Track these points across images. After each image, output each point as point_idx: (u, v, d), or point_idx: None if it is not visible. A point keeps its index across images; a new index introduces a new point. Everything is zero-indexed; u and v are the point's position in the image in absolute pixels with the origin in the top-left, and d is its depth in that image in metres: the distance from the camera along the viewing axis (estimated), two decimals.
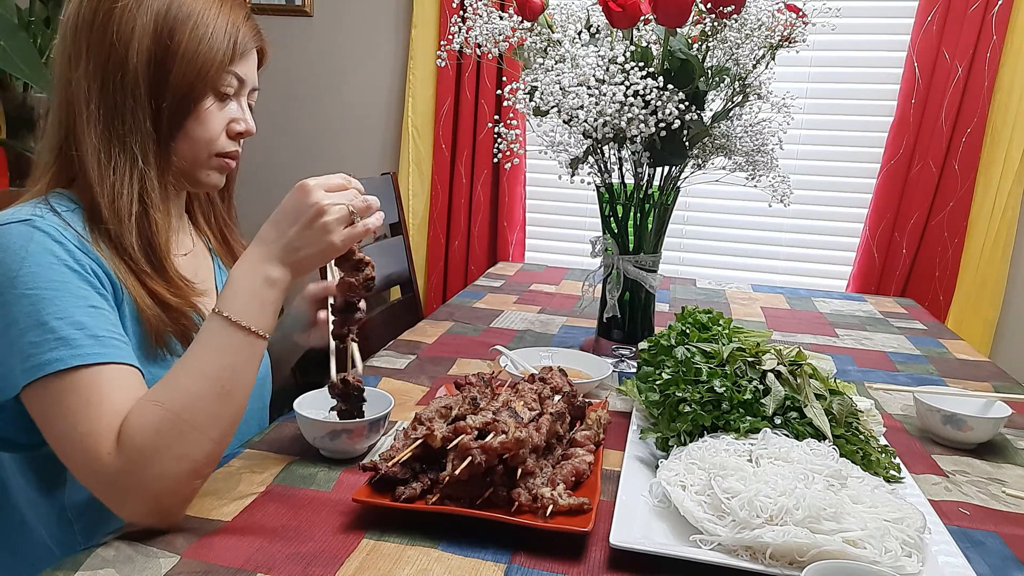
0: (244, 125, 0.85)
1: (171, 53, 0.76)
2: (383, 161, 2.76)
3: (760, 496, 0.67)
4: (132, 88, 0.76)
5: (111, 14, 0.75)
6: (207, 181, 0.85)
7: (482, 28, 1.16)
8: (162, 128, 0.78)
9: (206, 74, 0.78)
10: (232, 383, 0.70)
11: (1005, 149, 2.11)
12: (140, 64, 0.75)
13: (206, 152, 0.83)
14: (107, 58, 0.75)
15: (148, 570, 0.63)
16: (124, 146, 0.76)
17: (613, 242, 1.26)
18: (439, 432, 0.75)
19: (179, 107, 0.78)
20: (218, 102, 0.82)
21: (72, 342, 0.68)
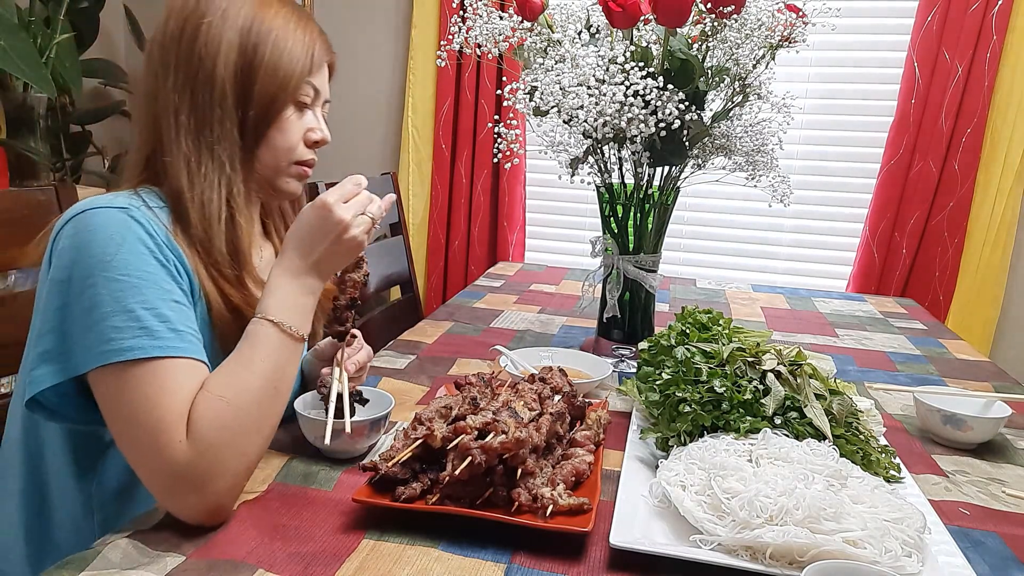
0: (320, 134, 0.88)
1: (256, 66, 0.80)
2: (383, 161, 2.76)
3: (760, 496, 0.67)
4: (220, 99, 0.79)
5: (198, 30, 0.78)
6: (287, 189, 0.89)
7: (482, 28, 1.16)
8: (247, 137, 0.82)
9: (287, 85, 0.82)
10: (281, 382, 0.74)
11: (1005, 149, 2.11)
12: (228, 76, 0.79)
13: (287, 160, 0.86)
14: (195, 71, 0.79)
15: (153, 569, 0.63)
16: (213, 154, 0.80)
17: (613, 242, 1.26)
18: (439, 432, 0.75)
19: (263, 117, 0.82)
20: (297, 112, 0.85)
21: (155, 333, 0.70)
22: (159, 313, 0.71)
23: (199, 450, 0.68)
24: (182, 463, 0.67)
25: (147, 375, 0.69)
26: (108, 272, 0.70)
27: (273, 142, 0.84)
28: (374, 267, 1.84)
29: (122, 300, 0.70)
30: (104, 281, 0.70)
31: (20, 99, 2.32)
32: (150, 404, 0.68)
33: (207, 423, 0.69)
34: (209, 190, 0.80)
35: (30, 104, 2.33)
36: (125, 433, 0.70)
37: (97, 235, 0.71)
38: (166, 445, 0.67)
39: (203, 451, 0.68)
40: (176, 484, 0.68)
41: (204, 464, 0.68)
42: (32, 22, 2.30)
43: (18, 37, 2.09)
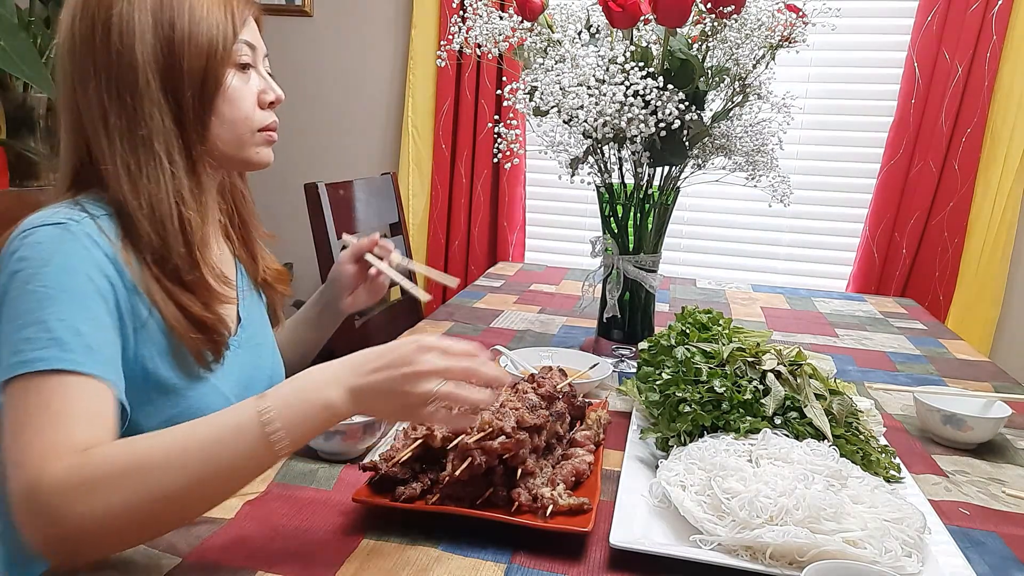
0: (273, 93, 0.85)
1: (176, 41, 0.75)
2: (383, 161, 2.76)
3: (760, 496, 0.67)
4: (145, 89, 0.75)
5: (108, 24, 0.74)
6: (258, 159, 0.85)
7: (482, 28, 1.16)
8: (188, 121, 0.78)
9: (217, 51, 0.77)
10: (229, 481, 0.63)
11: (1005, 149, 2.11)
12: (148, 62, 0.75)
13: (247, 129, 0.83)
14: (115, 68, 0.74)
15: (150, 571, 0.63)
16: (151, 151, 0.76)
17: (613, 242, 1.26)
18: (439, 432, 0.75)
19: (202, 93, 0.77)
20: (240, 75, 0.81)
21: (66, 345, 0.65)
22: (73, 327, 0.66)
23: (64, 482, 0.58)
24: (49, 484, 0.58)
25: (51, 387, 0.63)
26: (30, 285, 0.67)
27: (227, 116, 0.80)
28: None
29: (37, 311, 0.66)
30: (25, 294, 0.67)
31: (20, 99, 2.32)
32: (44, 417, 0.62)
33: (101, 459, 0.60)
34: (156, 191, 0.75)
35: (30, 104, 2.33)
36: (11, 441, 0.62)
37: (30, 252, 0.69)
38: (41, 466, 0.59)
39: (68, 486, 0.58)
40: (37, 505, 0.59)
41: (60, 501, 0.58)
42: (32, 22, 2.30)
43: (18, 37, 2.08)
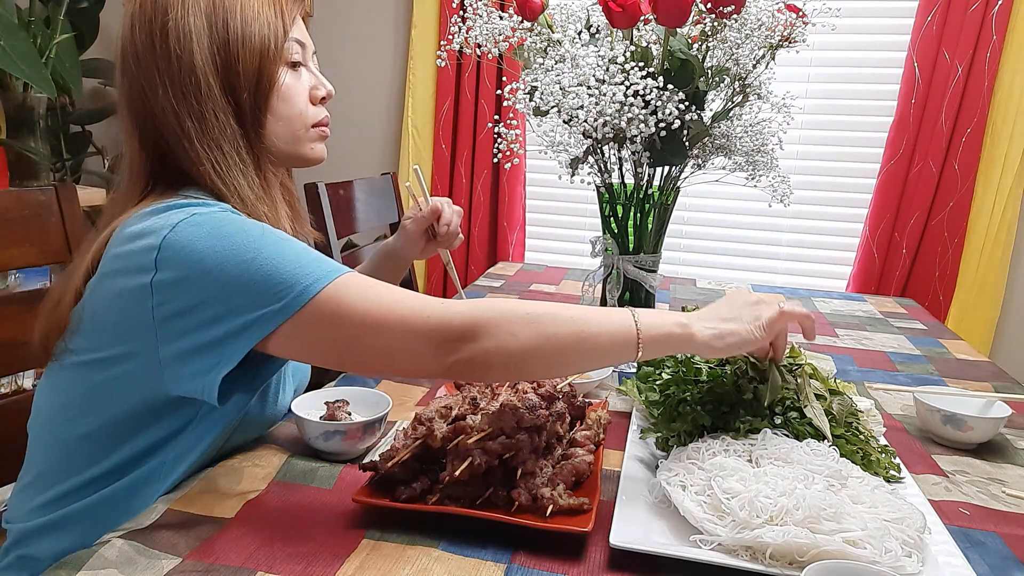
0: (324, 89, 0.87)
1: (231, 42, 0.77)
2: (383, 161, 2.76)
3: (760, 496, 0.67)
4: (207, 91, 0.77)
5: (166, 29, 0.76)
6: (313, 155, 0.88)
7: (482, 28, 1.16)
8: (247, 120, 0.80)
9: (269, 50, 0.79)
10: (591, 343, 0.73)
11: (1005, 149, 2.11)
12: (207, 64, 0.77)
13: (302, 126, 0.85)
14: (178, 72, 0.76)
15: (150, 570, 0.63)
16: (223, 151, 0.78)
17: (613, 242, 1.26)
18: (439, 432, 0.75)
19: (258, 91, 0.79)
20: (292, 73, 0.83)
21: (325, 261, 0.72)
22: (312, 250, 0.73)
23: (470, 310, 0.70)
24: (448, 315, 0.69)
25: (355, 283, 0.71)
26: (263, 241, 0.71)
27: (281, 113, 0.82)
28: None
29: (286, 250, 0.71)
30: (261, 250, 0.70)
31: (20, 99, 2.32)
32: (383, 292, 0.71)
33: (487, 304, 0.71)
34: (241, 187, 0.79)
35: (30, 104, 2.34)
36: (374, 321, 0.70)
37: (222, 225, 0.71)
38: (426, 305, 0.70)
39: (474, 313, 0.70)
40: (445, 336, 0.69)
41: (474, 321, 0.69)
42: (32, 22, 2.30)
43: (18, 37, 2.09)
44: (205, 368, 0.71)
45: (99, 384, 0.77)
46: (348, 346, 0.71)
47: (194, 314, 0.70)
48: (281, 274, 0.69)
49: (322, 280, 0.69)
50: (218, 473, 0.81)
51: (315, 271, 0.70)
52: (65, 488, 0.81)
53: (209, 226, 0.71)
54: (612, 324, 0.74)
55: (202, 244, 0.70)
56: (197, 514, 0.72)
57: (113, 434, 0.79)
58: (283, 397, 0.92)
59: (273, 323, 0.69)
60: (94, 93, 2.82)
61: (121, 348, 0.74)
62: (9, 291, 1.08)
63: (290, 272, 0.69)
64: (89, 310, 0.76)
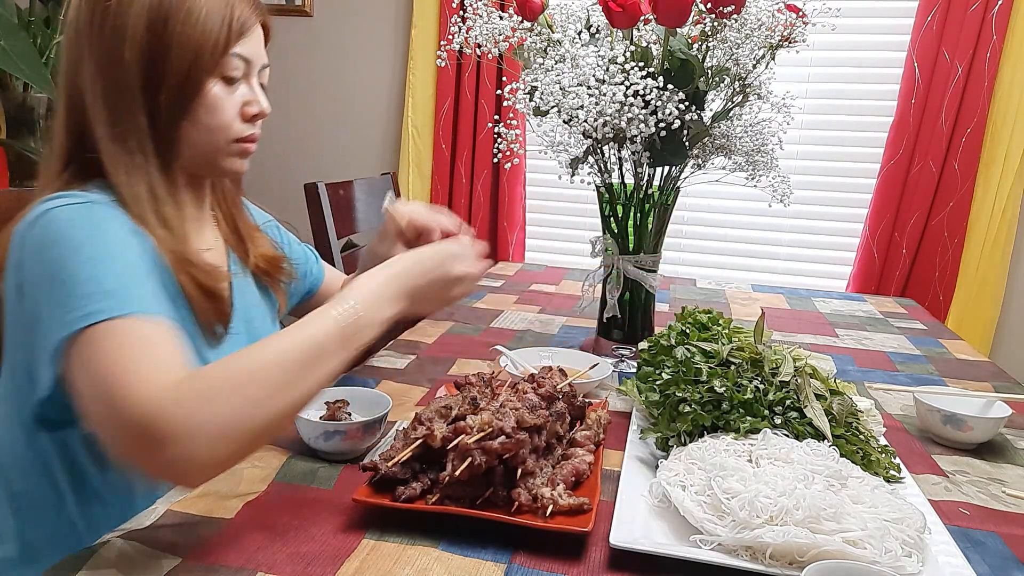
0: (258, 107, 0.84)
1: (165, 44, 0.75)
2: (383, 161, 2.76)
3: (760, 496, 0.67)
4: (127, 84, 0.75)
5: (107, 13, 0.74)
6: (229, 168, 0.85)
7: (482, 28, 1.16)
8: (160, 121, 0.77)
9: (203, 60, 0.77)
10: (317, 361, 0.66)
11: (1005, 149, 2.11)
12: (133, 59, 0.75)
13: (223, 138, 0.82)
14: (106, 56, 0.75)
15: (150, 571, 0.63)
16: (125, 144, 0.77)
17: (613, 242, 1.26)
18: (439, 432, 0.75)
19: (178, 97, 0.77)
20: (226, 86, 0.80)
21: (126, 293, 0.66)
22: (133, 276, 0.68)
23: (181, 396, 0.60)
24: (150, 412, 0.58)
25: (125, 328, 0.64)
26: (70, 251, 0.67)
27: (203, 122, 0.79)
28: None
29: (88, 270, 0.66)
30: (67, 260, 0.67)
31: (20, 99, 2.32)
32: (132, 351, 0.62)
33: (211, 367, 0.63)
34: (134, 182, 0.76)
35: (30, 104, 2.33)
36: (102, 381, 0.61)
37: (60, 226, 0.69)
38: (137, 385, 0.60)
39: (185, 398, 0.60)
40: (145, 432, 0.58)
41: (183, 413, 0.59)
42: (32, 22, 2.30)
43: (18, 37, 2.09)
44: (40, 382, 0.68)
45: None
46: (82, 401, 0.63)
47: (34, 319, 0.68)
48: (74, 293, 0.65)
49: (90, 318, 0.63)
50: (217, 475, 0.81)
51: (95, 305, 0.64)
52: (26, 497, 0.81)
53: (41, 229, 0.69)
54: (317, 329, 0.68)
55: (32, 249, 0.69)
56: (197, 514, 0.72)
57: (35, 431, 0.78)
58: None
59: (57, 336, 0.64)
60: None
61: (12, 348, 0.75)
62: None
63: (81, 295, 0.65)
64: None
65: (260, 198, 1.08)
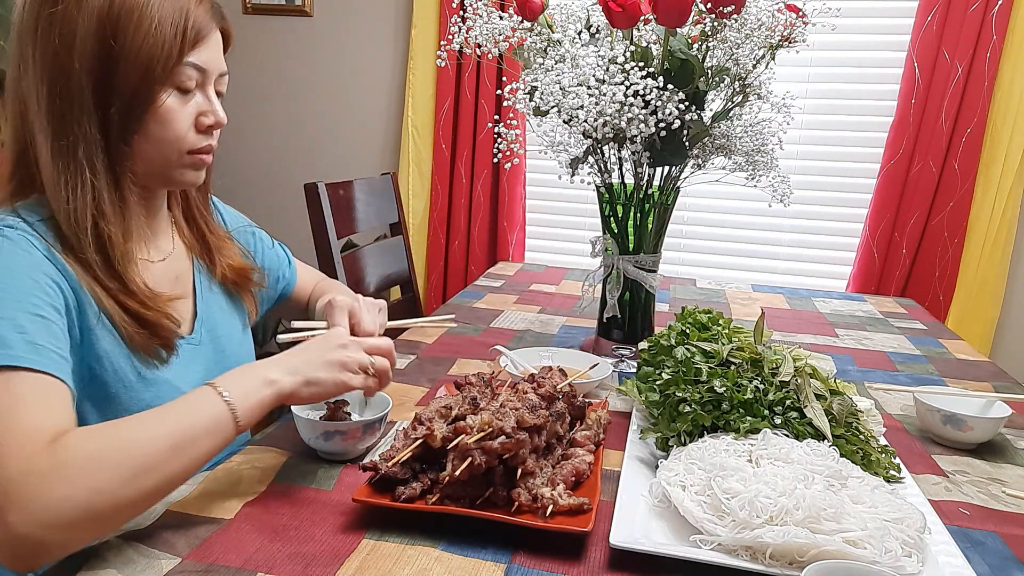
0: (213, 117, 0.80)
1: (115, 53, 0.71)
2: (383, 161, 2.76)
3: (760, 497, 0.67)
4: (77, 94, 0.71)
5: (52, 18, 0.70)
6: (184, 180, 0.82)
7: (482, 28, 1.16)
8: (112, 134, 0.74)
9: (155, 71, 0.73)
10: (188, 445, 0.66)
11: (1005, 149, 2.11)
12: (84, 69, 0.71)
13: (176, 151, 0.78)
14: (52, 64, 0.71)
15: (149, 571, 0.63)
16: (74, 157, 0.72)
17: (613, 242, 1.26)
18: (439, 432, 0.75)
19: (130, 109, 0.74)
20: (180, 96, 0.77)
21: (8, 343, 0.64)
22: (16, 324, 0.65)
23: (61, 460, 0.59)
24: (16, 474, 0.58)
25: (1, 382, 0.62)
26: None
27: (154, 134, 0.76)
28: (374, 267, 1.84)
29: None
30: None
31: None
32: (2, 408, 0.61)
33: (80, 439, 0.61)
34: (74, 198, 0.72)
35: None
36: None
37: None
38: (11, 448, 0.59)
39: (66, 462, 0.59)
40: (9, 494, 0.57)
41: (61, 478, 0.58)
42: None
43: None
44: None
45: None
46: None
47: None
48: None
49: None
50: (217, 474, 0.81)
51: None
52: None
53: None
54: (204, 423, 0.67)
55: None
56: (196, 515, 0.72)
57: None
58: None
59: None
60: None
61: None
62: None
63: None
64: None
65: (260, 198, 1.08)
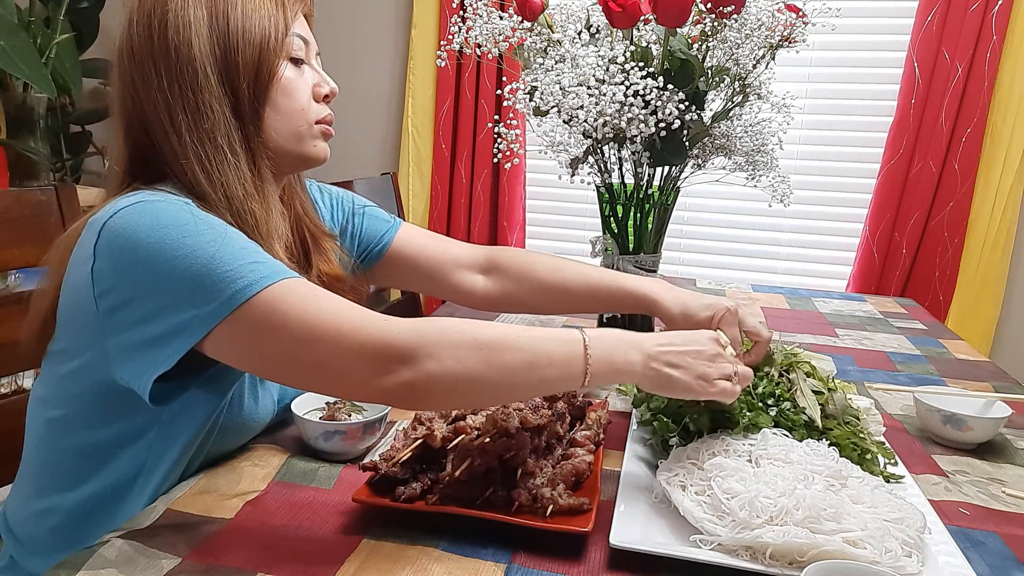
0: (328, 86, 0.85)
1: (231, 34, 0.76)
2: (383, 161, 2.76)
3: (760, 497, 0.67)
4: (204, 81, 0.75)
5: (165, 21, 0.75)
6: (315, 153, 0.85)
7: (482, 28, 1.16)
8: (244, 113, 0.78)
9: (269, 43, 0.78)
10: (539, 375, 0.70)
11: (1005, 149, 2.11)
12: (205, 56, 0.75)
13: (304, 121, 0.83)
14: (175, 64, 0.75)
15: (150, 570, 0.63)
16: (213, 142, 0.76)
17: (613, 242, 1.26)
18: (439, 432, 0.75)
19: (258, 84, 0.78)
20: (295, 68, 0.82)
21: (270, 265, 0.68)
22: (261, 251, 0.70)
23: (413, 329, 0.66)
24: (391, 334, 0.66)
25: (293, 291, 0.67)
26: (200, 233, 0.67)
27: (282, 107, 0.80)
28: None
29: (229, 247, 0.68)
30: (199, 241, 0.67)
31: (20, 99, 2.32)
32: (322, 302, 0.67)
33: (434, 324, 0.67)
34: (227, 182, 0.76)
35: (30, 104, 2.34)
36: (299, 336, 0.65)
37: (165, 214, 0.68)
38: (369, 321, 0.67)
39: (418, 332, 0.66)
40: (384, 355, 0.65)
41: (417, 341, 0.66)
42: (32, 22, 2.30)
43: (18, 37, 2.09)
44: (142, 368, 0.69)
45: (65, 376, 0.77)
46: (281, 357, 0.67)
47: (131, 308, 0.68)
48: (218, 272, 0.66)
49: (260, 282, 0.66)
50: (218, 473, 0.81)
51: (255, 272, 0.67)
52: (41, 486, 0.81)
53: (151, 215, 0.68)
54: (562, 355, 0.71)
55: (138, 233, 0.67)
56: (197, 514, 0.72)
57: (76, 427, 0.78)
58: (262, 402, 0.88)
59: (207, 325, 0.66)
60: (94, 93, 2.82)
61: (77, 339, 0.74)
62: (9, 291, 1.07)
63: (228, 271, 0.66)
64: (60, 304, 0.76)
65: None
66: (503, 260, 1.10)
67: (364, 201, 1.12)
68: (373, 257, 1.09)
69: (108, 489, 0.79)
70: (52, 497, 0.80)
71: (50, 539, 0.81)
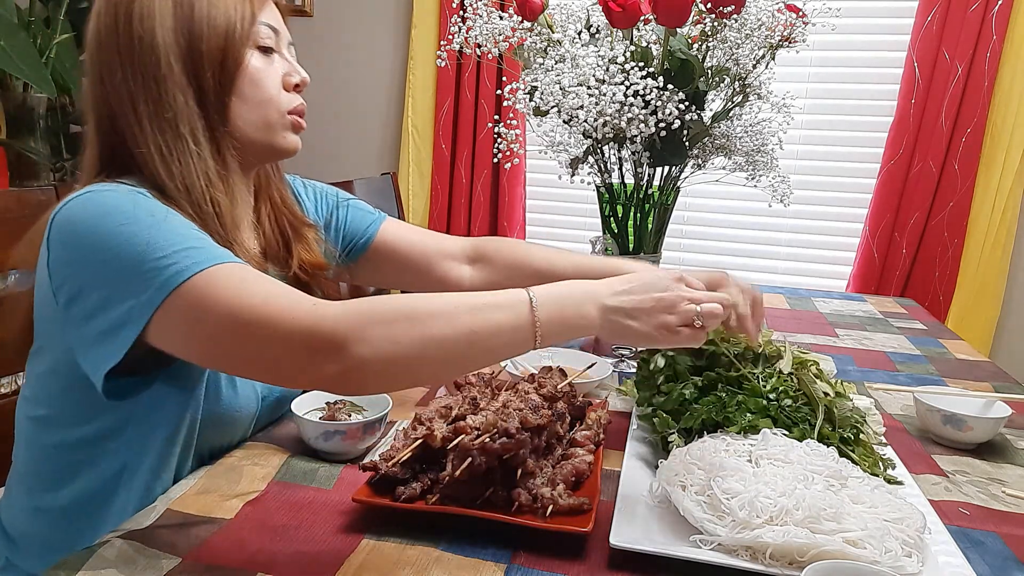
0: (298, 76, 0.84)
1: (196, 22, 0.76)
2: (383, 161, 2.76)
3: (760, 497, 0.67)
4: (167, 71, 0.75)
5: (130, 11, 0.75)
6: (284, 144, 0.84)
7: (482, 28, 1.16)
8: (210, 102, 0.77)
9: (236, 32, 0.77)
10: (483, 345, 0.66)
11: (1005, 149, 2.11)
12: (168, 45, 0.75)
13: (275, 111, 0.82)
14: (138, 53, 0.75)
15: (150, 570, 0.63)
16: (177, 133, 0.76)
17: (613, 242, 1.26)
18: (439, 432, 0.75)
19: (223, 73, 0.77)
20: (263, 57, 0.81)
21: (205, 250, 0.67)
22: (197, 236, 0.69)
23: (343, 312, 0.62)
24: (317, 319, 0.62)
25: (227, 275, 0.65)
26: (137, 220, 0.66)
27: (250, 97, 0.79)
28: None
29: (165, 233, 0.67)
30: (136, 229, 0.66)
31: (20, 99, 2.32)
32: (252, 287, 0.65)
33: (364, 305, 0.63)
34: (187, 172, 0.75)
35: (30, 104, 2.34)
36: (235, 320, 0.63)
37: (107, 203, 0.68)
38: (296, 306, 0.63)
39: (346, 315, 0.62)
40: (311, 344, 0.62)
41: (345, 325, 0.62)
42: (32, 22, 2.30)
43: (18, 37, 2.09)
44: (98, 361, 0.68)
45: (42, 374, 0.77)
46: (214, 346, 0.66)
47: (82, 300, 0.68)
48: (152, 258, 0.65)
49: (191, 268, 0.65)
50: (218, 473, 0.81)
51: (188, 258, 0.65)
52: (30, 485, 0.82)
53: (94, 204, 0.68)
54: (507, 321, 0.66)
55: (83, 223, 0.68)
56: (197, 514, 0.72)
57: (59, 425, 0.78)
58: (242, 392, 0.86)
59: (146, 314, 0.65)
60: None
61: (48, 337, 0.75)
62: (9, 291, 1.08)
63: (161, 256, 0.65)
64: (35, 301, 0.76)
65: None
66: (489, 250, 1.08)
67: (347, 195, 1.11)
68: (359, 250, 1.08)
69: (95, 486, 0.79)
70: (41, 496, 0.81)
71: (43, 538, 0.81)
